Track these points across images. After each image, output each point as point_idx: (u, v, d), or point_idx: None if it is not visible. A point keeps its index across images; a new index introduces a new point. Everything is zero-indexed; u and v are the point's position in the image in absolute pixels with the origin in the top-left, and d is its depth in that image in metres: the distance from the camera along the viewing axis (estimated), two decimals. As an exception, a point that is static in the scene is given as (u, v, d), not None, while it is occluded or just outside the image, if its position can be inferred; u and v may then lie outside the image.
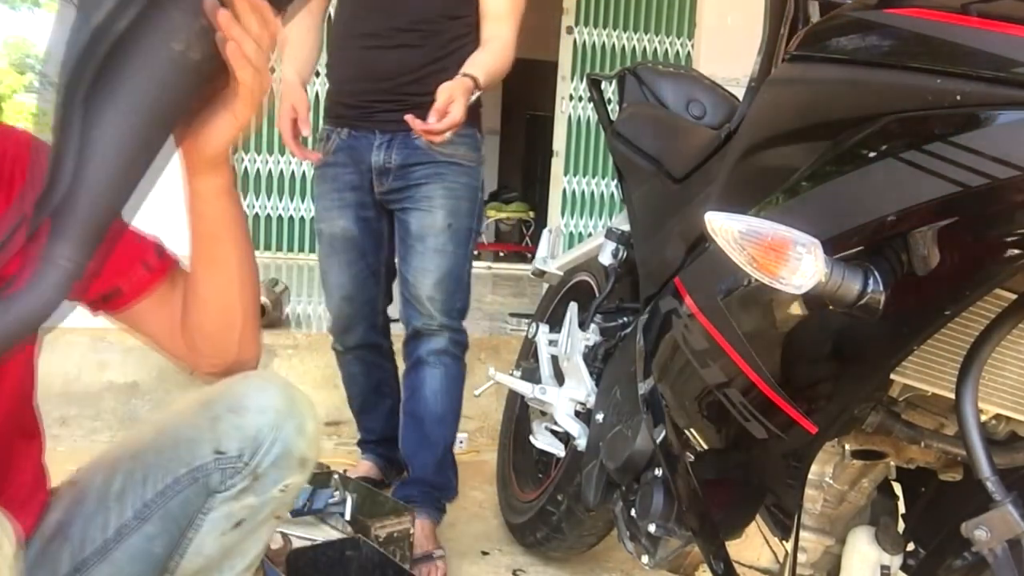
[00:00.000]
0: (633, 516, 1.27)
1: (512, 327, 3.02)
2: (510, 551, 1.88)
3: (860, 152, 0.79)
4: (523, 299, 4.01)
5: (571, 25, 4.78)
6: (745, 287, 0.92)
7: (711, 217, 0.80)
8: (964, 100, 0.68)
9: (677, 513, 1.17)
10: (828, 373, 0.88)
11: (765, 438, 0.93)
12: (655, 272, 1.36)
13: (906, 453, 0.95)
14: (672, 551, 1.23)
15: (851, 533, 1.02)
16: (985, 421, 0.85)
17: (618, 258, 1.67)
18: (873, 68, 0.80)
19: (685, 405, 1.11)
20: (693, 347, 1.06)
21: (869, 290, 0.74)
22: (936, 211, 0.70)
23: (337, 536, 1.70)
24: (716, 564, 1.08)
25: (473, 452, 2.52)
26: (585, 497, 1.42)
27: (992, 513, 0.75)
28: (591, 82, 1.98)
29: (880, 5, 0.84)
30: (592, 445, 1.44)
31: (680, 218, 1.31)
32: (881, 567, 0.97)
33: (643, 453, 1.25)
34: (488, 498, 2.15)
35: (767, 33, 1.14)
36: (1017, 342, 0.79)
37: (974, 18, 0.71)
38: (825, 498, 1.03)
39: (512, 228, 6.77)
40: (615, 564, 1.85)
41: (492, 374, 1.90)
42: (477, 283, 4.61)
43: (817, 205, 0.83)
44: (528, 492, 1.92)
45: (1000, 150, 0.66)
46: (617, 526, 1.34)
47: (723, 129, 1.26)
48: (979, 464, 0.76)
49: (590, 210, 4.91)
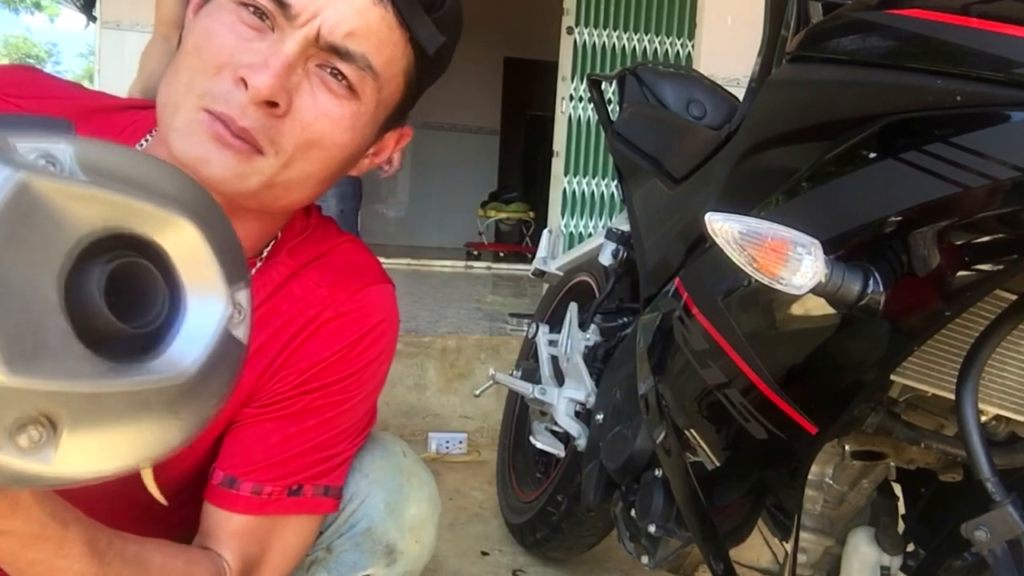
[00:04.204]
0: (633, 516, 1.27)
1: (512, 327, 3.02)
2: (510, 551, 1.88)
3: (860, 152, 0.79)
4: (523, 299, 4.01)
5: (571, 25, 4.77)
6: (745, 287, 0.92)
7: (711, 217, 0.79)
8: (964, 100, 0.68)
9: (677, 513, 1.17)
10: (828, 373, 0.88)
11: (765, 438, 0.93)
12: (655, 272, 1.36)
13: (906, 454, 0.95)
14: (672, 551, 1.23)
15: (851, 534, 1.02)
16: (985, 422, 0.84)
17: (618, 258, 1.67)
18: (873, 68, 0.80)
19: (685, 405, 1.11)
20: (693, 347, 1.05)
21: (869, 290, 0.74)
22: (936, 211, 0.70)
23: None
24: (716, 564, 1.07)
25: (473, 452, 2.52)
26: (585, 497, 1.42)
27: (992, 514, 0.75)
28: (591, 82, 1.98)
29: (880, 5, 0.84)
30: (592, 445, 1.44)
31: (680, 218, 1.31)
32: (881, 568, 0.97)
33: (643, 453, 1.25)
34: (488, 498, 2.15)
35: (767, 33, 1.14)
36: (1017, 343, 0.79)
37: (974, 18, 0.71)
38: (825, 499, 1.03)
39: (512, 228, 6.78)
40: (615, 564, 1.85)
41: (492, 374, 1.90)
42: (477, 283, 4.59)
43: (817, 205, 0.83)
44: (528, 492, 1.92)
45: (1000, 150, 0.66)
46: (617, 526, 1.34)
47: (723, 129, 1.26)
48: (979, 465, 0.76)
49: (590, 210, 4.90)
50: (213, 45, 0.65)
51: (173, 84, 0.67)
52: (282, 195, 0.70)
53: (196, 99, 0.65)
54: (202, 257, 0.40)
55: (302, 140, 0.67)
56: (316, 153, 0.68)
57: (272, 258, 0.78)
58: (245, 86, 0.63)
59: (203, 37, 0.66)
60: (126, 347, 0.38)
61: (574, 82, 4.80)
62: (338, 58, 0.66)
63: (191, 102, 0.65)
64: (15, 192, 0.33)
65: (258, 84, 0.63)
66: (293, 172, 0.68)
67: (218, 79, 0.64)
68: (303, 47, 0.64)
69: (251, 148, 0.65)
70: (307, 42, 0.64)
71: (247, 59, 0.64)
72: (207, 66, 0.65)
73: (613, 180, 4.76)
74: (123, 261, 0.38)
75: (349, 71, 0.67)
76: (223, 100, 0.64)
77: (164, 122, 0.67)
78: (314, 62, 0.66)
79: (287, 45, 0.64)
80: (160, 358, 0.39)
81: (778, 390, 0.88)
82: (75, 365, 0.34)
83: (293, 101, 0.65)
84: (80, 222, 0.36)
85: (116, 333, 0.37)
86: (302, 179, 0.69)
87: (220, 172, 0.65)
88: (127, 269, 0.38)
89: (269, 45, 0.65)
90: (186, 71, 0.66)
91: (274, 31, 0.65)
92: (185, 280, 0.40)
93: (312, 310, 0.77)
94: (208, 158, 0.64)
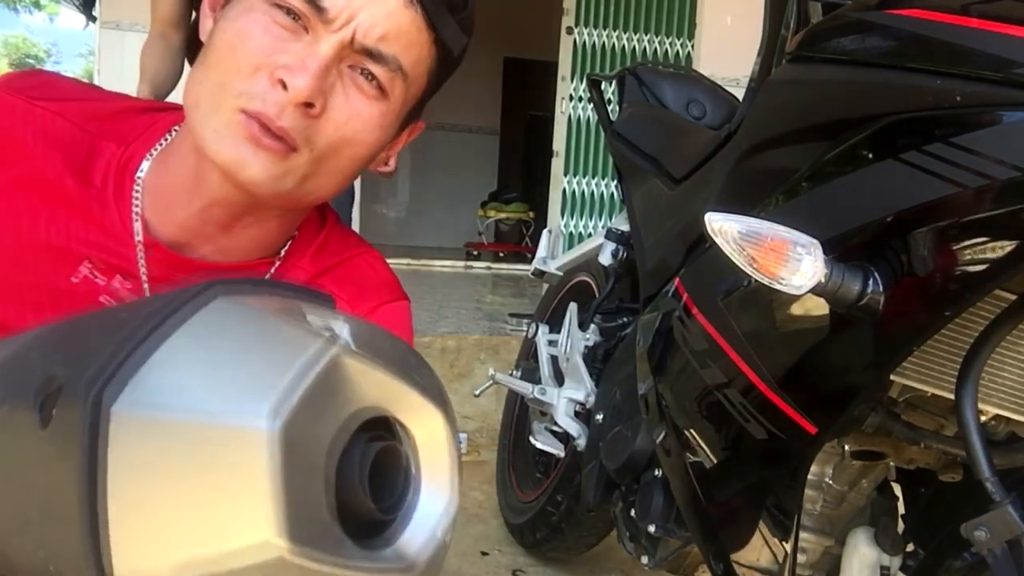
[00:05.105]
0: (633, 516, 1.27)
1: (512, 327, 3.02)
2: (510, 551, 1.88)
3: (860, 152, 0.79)
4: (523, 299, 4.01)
5: (571, 25, 4.78)
6: (745, 288, 0.92)
7: (711, 218, 0.79)
8: (964, 100, 0.68)
9: (677, 514, 1.17)
10: (828, 374, 0.88)
11: (765, 438, 0.93)
12: (655, 272, 1.36)
13: (906, 454, 0.95)
14: (672, 551, 1.23)
15: (851, 534, 1.02)
16: (985, 422, 0.84)
17: (618, 258, 1.67)
18: (873, 69, 0.80)
19: (685, 405, 1.11)
20: (693, 347, 1.05)
21: (869, 290, 0.74)
22: (936, 211, 0.70)
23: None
24: (716, 564, 1.07)
25: (473, 452, 2.52)
26: (585, 497, 1.42)
27: (992, 514, 0.75)
28: (591, 82, 1.98)
29: (880, 5, 0.84)
30: (592, 445, 1.44)
31: (680, 218, 1.31)
32: (881, 568, 0.97)
33: (643, 453, 1.25)
34: (488, 498, 2.15)
35: (767, 33, 1.14)
36: (1017, 343, 0.79)
37: (974, 19, 0.71)
38: (825, 499, 1.03)
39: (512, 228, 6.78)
40: (615, 564, 1.85)
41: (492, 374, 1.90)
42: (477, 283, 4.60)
43: (817, 205, 0.83)
44: (528, 493, 1.92)
45: (1000, 150, 0.66)
46: (617, 526, 1.34)
47: (723, 129, 1.26)
48: (979, 465, 0.76)
49: (590, 210, 4.91)
50: (248, 46, 0.65)
51: (204, 84, 0.68)
52: (311, 191, 0.72)
53: (233, 100, 0.65)
54: (442, 449, 0.41)
55: (335, 139, 0.68)
56: (347, 151, 0.70)
57: (289, 259, 0.79)
58: (283, 87, 0.64)
59: (237, 37, 0.66)
60: (364, 529, 0.37)
61: (574, 82, 4.81)
62: (371, 60, 0.68)
63: (228, 103, 0.65)
64: (327, 366, 0.34)
65: (299, 85, 0.64)
66: (324, 170, 0.70)
67: (254, 79, 0.65)
68: (338, 50, 0.66)
69: (287, 147, 0.66)
70: (342, 45, 0.66)
71: (283, 60, 0.65)
72: (242, 66, 0.66)
73: (613, 180, 4.76)
74: (386, 444, 0.38)
75: (380, 72, 0.68)
76: (260, 100, 0.65)
77: (198, 123, 0.67)
78: (347, 63, 0.67)
79: (323, 47, 0.65)
80: (392, 546, 0.39)
81: (778, 390, 0.88)
82: (335, 545, 0.34)
83: (327, 102, 0.67)
84: (359, 401, 0.36)
85: (366, 514, 0.37)
86: (331, 176, 0.72)
87: (259, 174, 0.66)
88: (386, 452, 0.38)
89: (304, 46, 0.66)
90: (219, 71, 0.67)
91: (308, 32, 0.66)
92: (424, 470, 0.41)
93: None
94: (246, 160, 0.66)
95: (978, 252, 0.71)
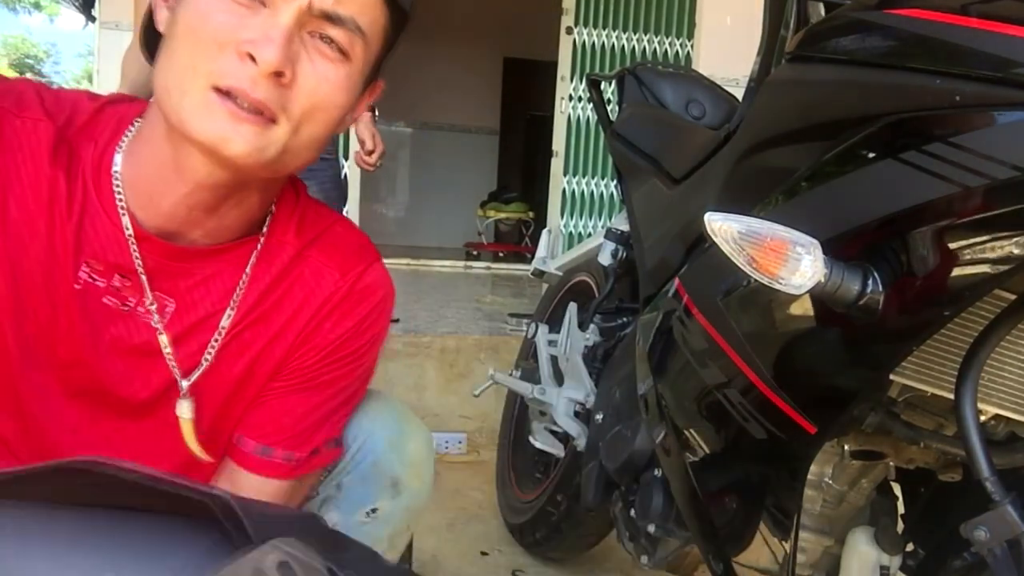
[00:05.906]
0: (632, 516, 1.27)
1: (511, 327, 3.02)
2: (510, 551, 1.88)
3: (860, 152, 0.79)
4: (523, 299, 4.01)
5: (571, 25, 4.78)
6: (744, 287, 0.92)
7: (710, 217, 0.80)
8: (964, 100, 0.68)
9: (676, 513, 1.17)
10: (827, 373, 0.88)
11: (764, 438, 0.93)
12: (655, 272, 1.36)
13: (905, 453, 0.95)
14: (671, 551, 1.23)
15: (850, 533, 1.02)
16: (984, 421, 0.84)
17: (618, 258, 1.67)
18: (873, 68, 0.80)
19: (684, 405, 1.11)
20: (693, 347, 1.05)
21: (869, 290, 0.74)
22: (936, 211, 0.70)
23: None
24: (716, 564, 1.08)
25: (472, 452, 2.52)
26: (584, 497, 1.42)
27: (991, 513, 0.75)
28: (591, 82, 1.98)
29: (880, 5, 0.84)
30: (592, 445, 1.44)
31: (680, 218, 1.31)
32: (880, 567, 0.97)
33: (642, 453, 1.25)
34: (487, 498, 2.15)
35: (767, 33, 1.14)
36: (1017, 342, 0.79)
37: (974, 18, 0.71)
38: (825, 498, 1.03)
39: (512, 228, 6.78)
40: (615, 564, 1.85)
41: (491, 374, 1.90)
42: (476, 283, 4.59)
43: (817, 205, 0.83)
44: (527, 492, 1.92)
45: (1000, 150, 0.66)
46: (616, 526, 1.34)
47: (723, 129, 1.26)
48: (978, 464, 0.76)
49: (590, 210, 4.91)
50: (210, 25, 0.67)
51: (172, 70, 0.69)
52: (291, 160, 0.74)
53: (203, 79, 0.67)
54: None
55: (308, 106, 0.71)
56: (320, 116, 0.73)
57: (273, 234, 0.83)
58: (252, 60, 0.66)
59: (198, 19, 0.68)
60: None
61: (573, 82, 4.80)
62: (330, 24, 0.70)
63: (199, 83, 0.67)
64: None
65: (267, 57, 0.66)
66: (302, 136, 0.72)
67: (222, 57, 0.67)
68: (298, 17, 0.68)
69: (265, 119, 0.69)
70: (301, 12, 0.68)
71: (247, 35, 0.67)
72: (207, 46, 0.67)
73: (613, 180, 4.76)
74: None
75: (340, 35, 0.71)
76: (232, 75, 0.67)
77: (172, 108, 0.69)
78: (307, 30, 0.70)
79: (283, 17, 0.67)
80: None
81: (777, 390, 0.88)
82: None
83: (296, 69, 0.69)
84: None
85: None
86: (309, 142, 0.74)
87: (242, 148, 0.68)
88: None
89: (264, 19, 0.68)
90: (185, 54, 0.68)
91: (265, 6, 0.68)
92: None
93: (324, 292, 0.84)
94: (228, 136, 0.67)
95: (978, 252, 0.71)
